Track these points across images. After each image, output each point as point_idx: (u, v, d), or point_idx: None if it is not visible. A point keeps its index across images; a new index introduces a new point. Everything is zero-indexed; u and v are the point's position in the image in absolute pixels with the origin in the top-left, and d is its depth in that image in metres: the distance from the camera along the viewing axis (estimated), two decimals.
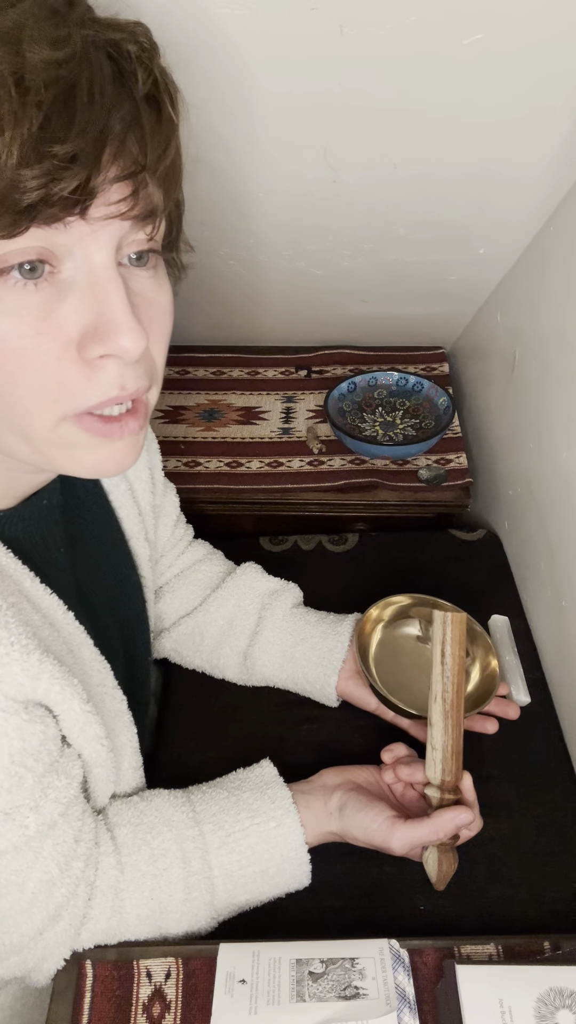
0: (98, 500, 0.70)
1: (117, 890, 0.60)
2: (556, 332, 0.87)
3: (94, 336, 0.43)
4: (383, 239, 0.99)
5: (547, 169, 0.79)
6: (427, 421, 1.20)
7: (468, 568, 1.02)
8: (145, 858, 0.61)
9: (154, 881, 0.61)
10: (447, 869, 0.67)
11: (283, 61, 0.68)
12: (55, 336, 0.43)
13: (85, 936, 0.60)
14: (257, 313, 1.26)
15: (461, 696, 0.67)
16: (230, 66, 0.68)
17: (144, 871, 0.61)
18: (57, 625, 0.57)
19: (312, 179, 0.85)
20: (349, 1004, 0.55)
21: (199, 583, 0.87)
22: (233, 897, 0.64)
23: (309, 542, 1.07)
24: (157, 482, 0.79)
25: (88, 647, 0.60)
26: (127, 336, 0.43)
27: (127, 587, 0.73)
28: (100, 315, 0.43)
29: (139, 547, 0.73)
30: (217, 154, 0.80)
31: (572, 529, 0.84)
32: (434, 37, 0.64)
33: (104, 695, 0.61)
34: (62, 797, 0.54)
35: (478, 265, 1.03)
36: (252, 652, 0.83)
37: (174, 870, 0.61)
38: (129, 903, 0.60)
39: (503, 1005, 0.53)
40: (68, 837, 0.56)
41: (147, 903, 0.61)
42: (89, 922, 0.59)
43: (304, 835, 0.65)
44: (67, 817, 0.56)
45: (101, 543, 0.70)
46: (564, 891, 0.72)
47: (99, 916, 0.60)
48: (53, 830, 0.55)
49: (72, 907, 0.58)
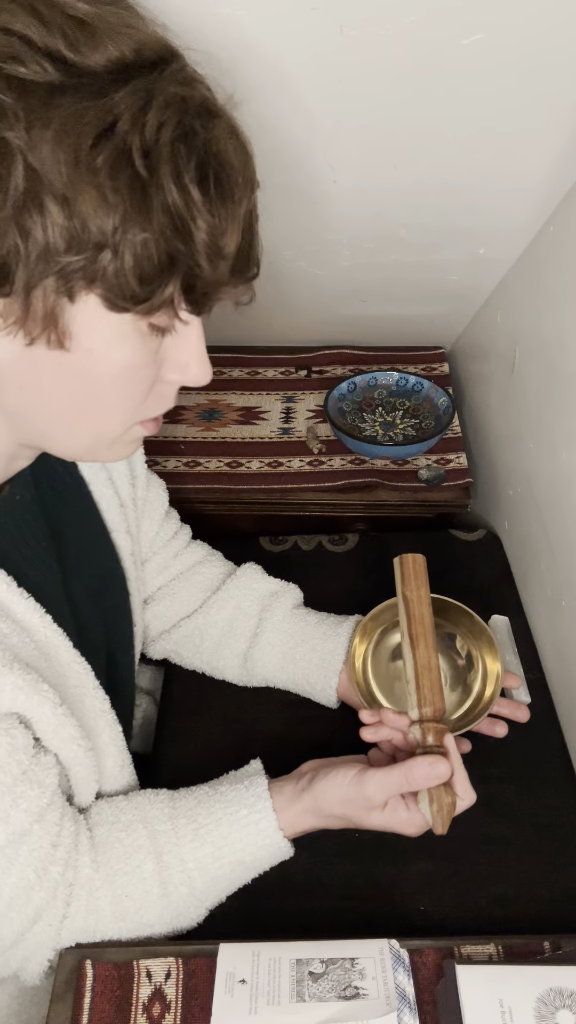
0: (78, 493, 0.70)
1: (91, 888, 0.60)
2: (556, 332, 0.87)
3: (174, 368, 0.52)
4: (383, 239, 0.99)
5: (547, 169, 0.79)
6: (427, 421, 1.20)
7: (468, 568, 1.02)
8: (118, 855, 0.62)
9: (126, 879, 0.61)
10: (443, 806, 0.62)
11: (283, 61, 0.68)
12: (156, 368, 0.51)
13: (64, 935, 0.60)
14: (257, 313, 1.25)
15: (424, 627, 0.68)
16: (230, 66, 0.68)
17: (116, 868, 0.61)
18: (31, 630, 0.57)
19: (312, 179, 0.85)
20: (349, 1004, 0.55)
21: (199, 585, 0.87)
22: (214, 887, 0.64)
23: (309, 542, 1.07)
24: (139, 475, 0.79)
25: (66, 649, 0.60)
26: (203, 373, 0.53)
27: (110, 580, 0.73)
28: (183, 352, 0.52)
29: (121, 540, 0.73)
30: None
31: (572, 529, 0.84)
32: (434, 37, 0.64)
33: (83, 695, 0.62)
34: (33, 807, 0.55)
35: (478, 265, 1.03)
36: (252, 654, 0.83)
37: (147, 866, 0.61)
38: (104, 900, 0.60)
39: (503, 1005, 0.53)
40: (45, 843, 0.57)
41: (121, 900, 0.61)
42: (67, 920, 0.60)
43: (277, 820, 0.64)
44: (42, 823, 0.57)
45: (84, 536, 0.70)
46: (564, 891, 0.72)
47: (75, 914, 0.60)
48: (27, 838, 0.55)
49: (51, 909, 0.58)
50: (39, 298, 0.43)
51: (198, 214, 0.43)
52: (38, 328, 0.44)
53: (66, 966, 0.61)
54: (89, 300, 0.44)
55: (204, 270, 0.45)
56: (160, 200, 0.41)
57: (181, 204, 0.42)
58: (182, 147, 0.42)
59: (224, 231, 0.44)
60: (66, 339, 0.45)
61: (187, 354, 0.52)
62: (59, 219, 0.40)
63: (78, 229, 0.40)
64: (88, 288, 0.43)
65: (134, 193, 0.41)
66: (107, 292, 0.43)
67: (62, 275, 0.42)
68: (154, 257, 0.42)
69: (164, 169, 0.41)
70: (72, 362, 0.46)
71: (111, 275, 0.42)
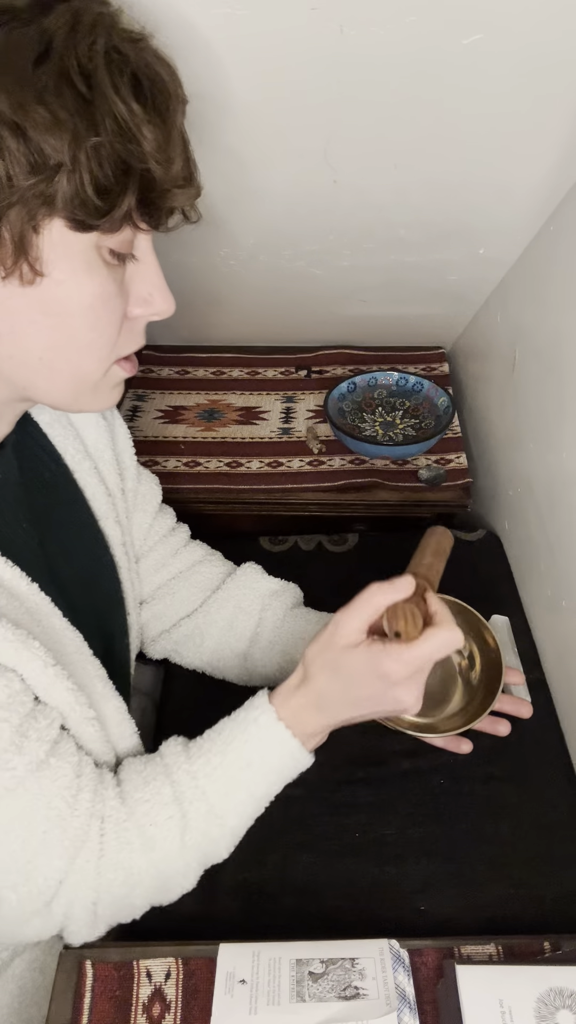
0: (64, 481, 0.70)
1: (118, 820, 0.60)
2: (556, 332, 0.87)
3: (138, 301, 0.55)
4: (383, 239, 0.99)
5: (547, 169, 0.79)
6: (427, 421, 1.20)
7: (468, 568, 1.02)
8: (137, 785, 0.61)
9: (147, 806, 0.60)
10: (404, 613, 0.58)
11: (283, 61, 0.67)
12: (124, 300, 0.54)
13: (103, 872, 0.58)
14: (257, 313, 1.26)
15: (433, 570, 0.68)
16: (230, 66, 0.68)
17: (137, 798, 0.61)
18: (20, 596, 0.57)
19: (312, 179, 0.85)
20: (349, 1004, 0.55)
21: (198, 584, 0.86)
22: (231, 800, 0.62)
23: (309, 542, 1.07)
24: (128, 467, 0.79)
25: (57, 618, 0.60)
26: (166, 303, 0.56)
27: (99, 567, 0.73)
28: (145, 283, 0.54)
29: (110, 529, 0.73)
30: (217, 154, 0.80)
31: (572, 529, 0.84)
32: (434, 37, 0.64)
33: (84, 663, 0.62)
34: (45, 736, 0.55)
35: (478, 265, 1.04)
36: (252, 654, 0.83)
37: (164, 791, 0.61)
38: (132, 832, 0.60)
39: (503, 1005, 0.53)
40: (67, 771, 0.57)
41: (146, 829, 0.60)
42: (103, 857, 0.59)
43: (276, 712, 0.62)
44: (58, 755, 0.56)
45: (71, 524, 0.70)
46: (564, 891, 0.72)
47: (108, 849, 0.59)
48: (46, 768, 0.55)
49: (88, 842, 0.58)
50: (6, 229, 0.46)
51: (142, 123, 0.46)
52: (9, 260, 0.47)
53: (66, 966, 0.61)
54: (53, 228, 0.47)
55: (156, 172, 0.48)
56: (105, 110, 0.45)
57: (125, 113, 0.46)
58: (115, 65, 0.46)
59: (168, 139, 0.48)
60: (37, 265, 0.48)
61: (148, 285, 0.55)
62: (14, 145, 0.43)
63: (34, 153, 0.44)
64: (51, 214, 0.46)
65: (80, 108, 0.44)
66: (70, 212, 0.46)
67: (24, 202, 0.45)
68: (108, 166, 0.46)
69: (104, 84, 0.45)
70: (45, 298, 0.49)
71: (71, 194, 0.45)
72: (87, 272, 0.50)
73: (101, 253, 0.50)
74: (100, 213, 0.47)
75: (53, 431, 0.70)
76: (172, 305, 0.56)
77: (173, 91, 0.50)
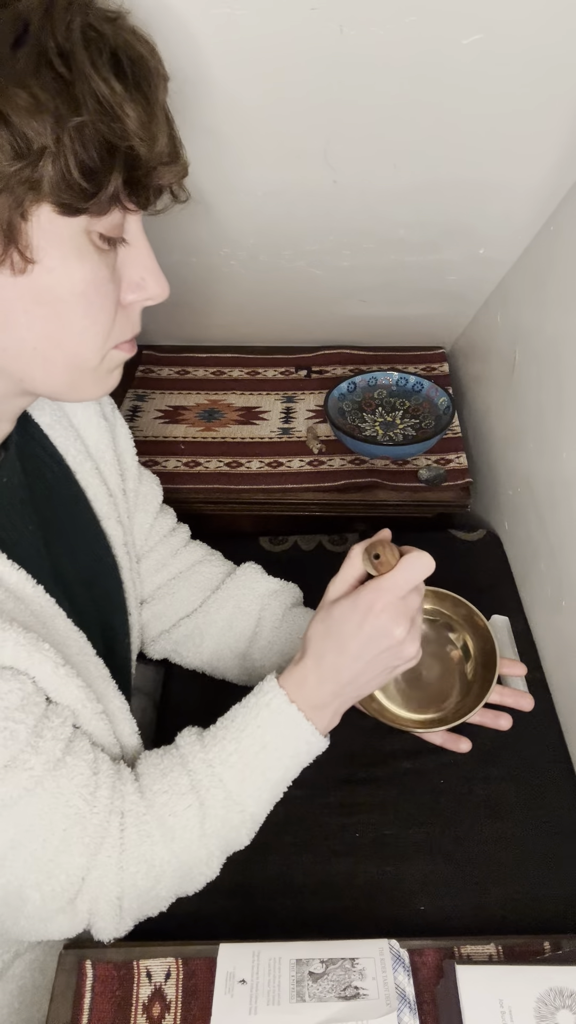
0: (65, 481, 0.70)
1: (138, 813, 0.60)
2: (556, 332, 0.87)
3: (131, 287, 0.55)
4: (383, 239, 0.99)
5: (547, 169, 0.79)
6: (427, 421, 1.20)
7: (468, 568, 1.02)
8: (155, 777, 0.62)
9: (166, 797, 0.61)
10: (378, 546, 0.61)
11: (283, 61, 0.68)
12: (116, 286, 0.53)
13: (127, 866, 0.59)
14: (257, 313, 1.26)
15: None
16: (230, 66, 0.68)
17: (155, 790, 0.61)
18: (25, 599, 0.57)
19: (312, 179, 0.85)
20: (349, 1004, 0.55)
21: (198, 584, 0.86)
22: (248, 785, 0.62)
23: (309, 542, 1.07)
24: (130, 467, 0.79)
25: (62, 619, 0.60)
26: (160, 287, 0.55)
27: (101, 567, 0.73)
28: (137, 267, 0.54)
29: (112, 529, 0.74)
30: (217, 154, 0.80)
31: (572, 529, 0.84)
32: (434, 37, 0.64)
33: (88, 663, 0.62)
34: (60, 735, 0.55)
35: (478, 265, 1.04)
36: (252, 654, 0.83)
37: (182, 780, 0.61)
38: (152, 824, 0.60)
39: (503, 1005, 0.53)
40: (84, 769, 0.57)
41: (165, 819, 0.60)
42: (125, 851, 0.59)
43: (287, 694, 0.63)
44: (74, 753, 0.57)
45: (73, 524, 0.70)
46: (564, 891, 0.72)
47: (130, 843, 0.59)
48: (63, 767, 0.55)
49: (108, 837, 0.58)
50: None
51: (123, 101, 0.46)
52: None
53: (66, 966, 0.61)
54: (41, 214, 0.47)
55: (140, 150, 0.48)
56: (86, 89, 0.44)
57: (107, 91, 0.45)
58: (93, 44, 0.45)
59: (151, 116, 0.48)
60: (27, 252, 0.47)
61: (140, 268, 0.54)
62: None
63: (17, 138, 0.43)
64: (38, 199, 0.46)
65: (60, 89, 0.44)
66: (57, 196, 0.46)
67: (10, 189, 0.44)
68: (92, 147, 0.45)
69: (83, 64, 0.45)
70: (37, 287, 0.49)
71: (57, 178, 0.45)
72: (78, 258, 0.49)
73: (91, 238, 0.50)
74: (87, 195, 0.46)
75: (54, 432, 0.70)
76: (166, 288, 0.55)
77: (154, 68, 0.49)
